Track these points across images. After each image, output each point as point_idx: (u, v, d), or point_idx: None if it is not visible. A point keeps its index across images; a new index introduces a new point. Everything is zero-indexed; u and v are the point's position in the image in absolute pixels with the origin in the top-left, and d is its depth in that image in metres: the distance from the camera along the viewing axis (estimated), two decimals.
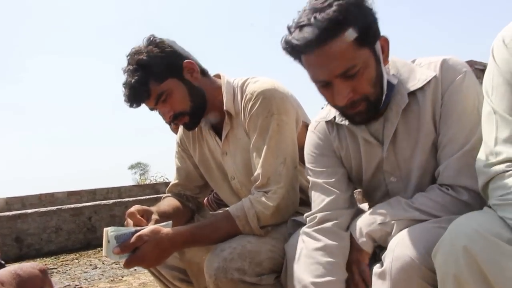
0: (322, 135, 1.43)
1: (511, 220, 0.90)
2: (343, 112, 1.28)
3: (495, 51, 1.06)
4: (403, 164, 1.31)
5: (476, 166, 1.05)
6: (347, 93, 1.16)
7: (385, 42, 1.22)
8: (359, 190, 1.57)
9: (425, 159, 1.27)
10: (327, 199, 1.35)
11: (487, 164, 1.01)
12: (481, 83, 1.12)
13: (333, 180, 1.38)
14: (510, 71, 1.01)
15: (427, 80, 1.23)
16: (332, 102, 1.24)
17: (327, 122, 1.42)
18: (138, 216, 1.48)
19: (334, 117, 1.38)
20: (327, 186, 1.37)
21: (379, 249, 1.23)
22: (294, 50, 1.16)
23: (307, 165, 1.45)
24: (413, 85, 1.25)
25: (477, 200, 1.14)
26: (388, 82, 1.24)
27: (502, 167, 0.97)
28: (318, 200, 1.37)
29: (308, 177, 1.44)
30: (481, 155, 1.04)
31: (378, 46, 1.19)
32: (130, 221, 1.47)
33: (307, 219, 1.37)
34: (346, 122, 1.33)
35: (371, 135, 1.32)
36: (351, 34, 1.10)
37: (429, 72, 1.25)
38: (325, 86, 1.20)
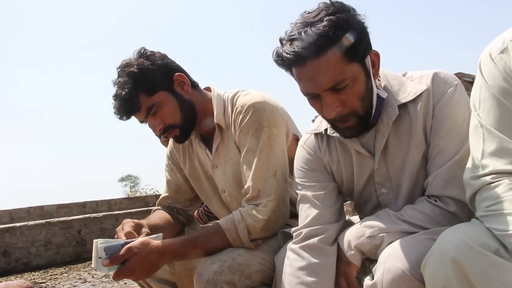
0: (312, 150, 1.42)
1: (497, 231, 0.91)
2: (334, 125, 1.29)
3: (483, 65, 1.08)
4: (394, 176, 1.31)
5: (463, 179, 1.07)
6: (335, 107, 1.18)
7: (376, 56, 1.23)
8: (349, 202, 1.57)
9: (416, 170, 1.28)
10: (313, 214, 1.34)
11: (473, 177, 1.02)
12: (470, 95, 1.14)
13: (322, 193, 1.37)
14: (497, 85, 1.02)
15: (417, 93, 1.25)
16: (321, 114, 1.25)
17: (316, 134, 1.42)
18: (131, 230, 1.47)
19: (326, 129, 1.37)
20: (315, 200, 1.36)
21: (369, 261, 1.23)
22: (284, 63, 1.18)
23: (296, 179, 1.44)
24: (404, 97, 1.26)
25: (465, 211, 1.15)
26: (378, 96, 1.26)
27: (487, 178, 0.98)
28: (304, 215, 1.37)
29: (297, 191, 1.43)
30: (468, 168, 1.06)
31: (368, 60, 1.21)
32: (121, 235, 1.46)
33: (294, 234, 1.37)
34: (337, 134, 1.33)
35: (363, 147, 1.32)
36: (340, 49, 1.12)
37: (420, 86, 1.26)
38: (314, 99, 1.21)
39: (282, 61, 1.18)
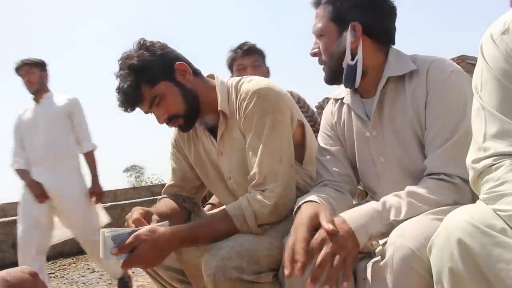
0: (326, 114, 1.63)
1: (502, 212, 0.91)
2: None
3: (484, 47, 1.07)
4: (389, 145, 1.39)
5: (466, 162, 1.07)
6: (315, 47, 1.48)
7: (357, 27, 1.39)
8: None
9: (408, 145, 1.35)
10: (331, 170, 1.52)
11: (475, 160, 1.02)
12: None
13: (329, 158, 1.55)
14: (498, 67, 1.02)
15: (405, 71, 1.35)
16: None
17: (336, 100, 1.61)
18: (140, 218, 1.48)
19: (343, 98, 1.54)
20: (324, 163, 1.55)
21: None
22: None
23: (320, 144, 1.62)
24: (393, 72, 1.37)
25: (468, 185, 1.17)
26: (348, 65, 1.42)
27: (489, 161, 0.99)
28: (318, 173, 1.57)
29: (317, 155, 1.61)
30: (471, 151, 1.06)
31: (349, 28, 1.39)
32: (131, 222, 1.47)
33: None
34: (349, 100, 1.50)
35: (365, 114, 1.45)
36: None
37: (412, 66, 1.36)
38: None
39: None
